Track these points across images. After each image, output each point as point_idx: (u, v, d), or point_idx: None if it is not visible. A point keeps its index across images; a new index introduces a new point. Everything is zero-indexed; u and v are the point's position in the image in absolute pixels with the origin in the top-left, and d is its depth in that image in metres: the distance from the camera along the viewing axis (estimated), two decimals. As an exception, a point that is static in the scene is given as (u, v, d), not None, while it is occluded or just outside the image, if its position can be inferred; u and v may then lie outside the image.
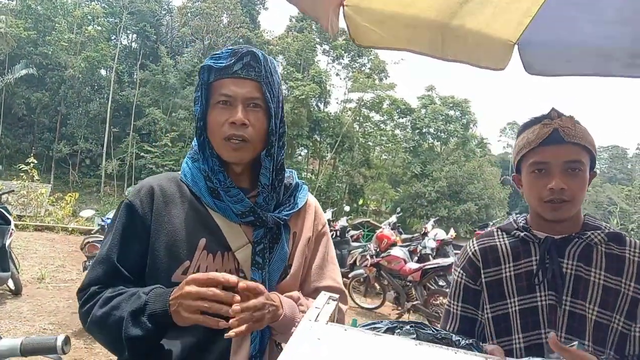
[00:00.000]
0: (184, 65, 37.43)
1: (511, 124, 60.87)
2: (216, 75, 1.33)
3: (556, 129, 1.41)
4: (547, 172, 1.43)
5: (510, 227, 1.58)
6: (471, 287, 1.56)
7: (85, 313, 1.27)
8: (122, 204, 1.36)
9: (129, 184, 35.49)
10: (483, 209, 35.42)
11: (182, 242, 1.28)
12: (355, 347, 0.94)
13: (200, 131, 1.36)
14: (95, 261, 1.32)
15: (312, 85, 35.08)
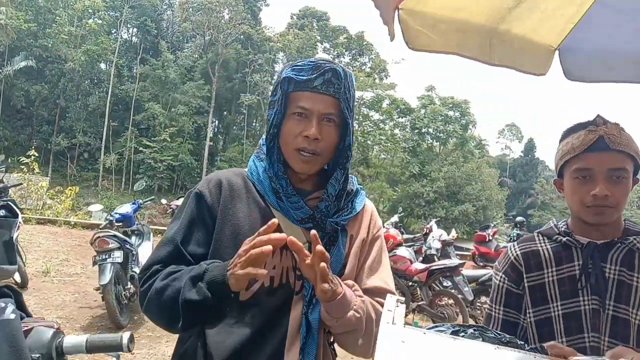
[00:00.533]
0: (184, 61, 37.41)
1: (509, 125, 61.05)
2: (296, 86, 1.35)
3: (602, 136, 1.42)
4: (590, 178, 1.44)
5: (551, 232, 1.59)
6: (514, 291, 1.57)
7: (144, 291, 1.32)
8: (192, 192, 1.43)
9: (127, 178, 35.52)
10: (481, 210, 35.53)
11: (245, 236, 1.27)
12: (440, 350, 0.95)
13: (272, 137, 1.39)
14: (160, 243, 1.39)
15: (312, 83, 35.07)
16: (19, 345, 1.09)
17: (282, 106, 1.36)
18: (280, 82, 1.37)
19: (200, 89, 36.10)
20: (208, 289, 1.20)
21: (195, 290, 1.21)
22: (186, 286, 1.22)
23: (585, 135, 1.44)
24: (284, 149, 1.38)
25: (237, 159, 36.19)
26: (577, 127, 1.50)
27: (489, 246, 13.19)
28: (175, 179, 35.53)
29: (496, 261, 1.71)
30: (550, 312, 1.50)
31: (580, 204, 1.47)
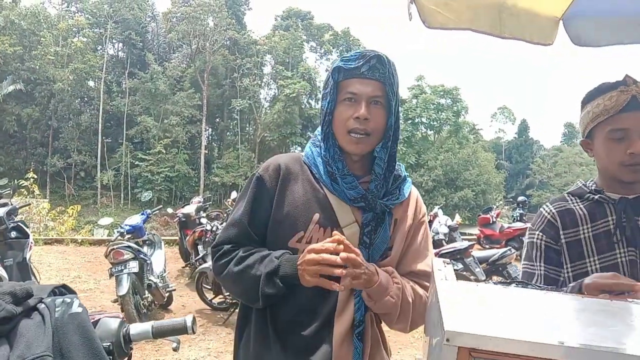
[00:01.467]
0: (173, 71, 37.34)
1: (501, 108, 61.11)
2: (345, 75, 1.48)
3: (634, 95, 1.46)
4: (627, 137, 1.48)
5: (582, 192, 1.65)
6: (553, 247, 1.62)
7: (220, 266, 1.52)
8: (254, 177, 1.57)
9: (125, 193, 35.47)
10: (480, 195, 35.66)
11: (300, 215, 1.48)
12: (495, 296, 1.01)
13: (328, 124, 1.53)
14: (229, 223, 1.56)
15: (302, 82, 35.16)
16: (91, 335, 1.15)
17: (334, 94, 1.50)
18: (332, 72, 1.51)
19: (191, 98, 36.08)
20: (282, 281, 1.39)
21: (272, 285, 1.40)
22: (264, 281, 1.40)
23: (619, 96, 1.48)
24: (338, 133, 1.52)
25: (234, 164, 36.20)
26: (604, 88, 1.54)
27: (494, 228, 13.28)
28: (174, 189, 35.50)
29: (530, 223, 1.76)
30: (587, 267, 1.56)
31: (617, 164, 1.52)
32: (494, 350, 0.79)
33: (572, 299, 1.05)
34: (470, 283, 1.07)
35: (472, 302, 0.97)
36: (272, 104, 38.78)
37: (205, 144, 38.00)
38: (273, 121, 35.76)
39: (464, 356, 0.79)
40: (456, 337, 0.78)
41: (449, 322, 0.81)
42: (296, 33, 39.93)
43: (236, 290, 1.58)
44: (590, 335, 0.85)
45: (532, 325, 0.88)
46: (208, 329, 6.15)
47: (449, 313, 0.85)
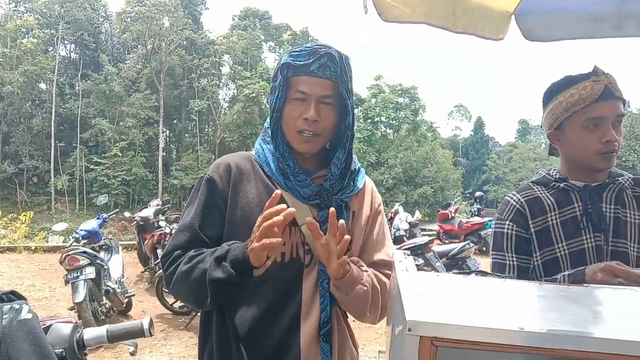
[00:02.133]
0: (128, 72, 36.43)
1: (458, 106, 62.35)
2: (294, 72, 1.43)
3: (607, 85, 1.51)
4: (600, 125, 1.53)
5: (546, 180, 1.69)
6: (523, 236, 1.65)
7: (170, 274, 1.43)
8: (203, 179, 1.50)
9: (80, 198, 34.44)
10: (439, 191, 36.23)
11: (256, 216, 1.35)
12: (456, 285, 1.02)
13: (276, 121, 1.48)
14: (178, 230, 1.48)
15: (262, 82, 34.90)
16: (41, 342, 1.10)
17: (283, 91, 1.44)
18: (280, 68, 1.44)
19: (147, 100, 35.29)
20: (232, 267, 1.30)
21: (220, 269, 1.31)
22: (212, 266, 1.32)
23: (593, 86, 1.52)
24: (287, 131, 1.47)
25: (193, 166, 35.64)
26: (575, 79, 1.58)
27: (453, 223, 13.56)
28: (131, 193, 34.65)
29: (496, 212, 1.77)
30: (556, 253, 1.60)
31: (593, 152, 1.56)
32: (456, 338, 0.79)
33: (530, 286, 1.06)
34: (431, 273, 1.07)
35: (433, 292, 0.97)
36: (231, 105, 38.34)
37: (163, 146, 37.26)
38: (233, 122, 35.38)
39: (426, 345, 0.79)
40: (418, 327, 0.78)
41: (410, 311, 0.81)
42: (254, 33, 39.65)
43: (185, 290, 1.44)
44: (549, 320, 0.86)
45: (493, 313, 0.89)
46: (169, 334, 6.04)
47: (410, 303, 0.85)
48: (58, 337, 1.20)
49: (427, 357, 0.79)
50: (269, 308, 1.41)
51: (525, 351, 0.79)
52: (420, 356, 0.79)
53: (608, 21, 2.04)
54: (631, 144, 36.90)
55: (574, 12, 2.05)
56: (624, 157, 35.75)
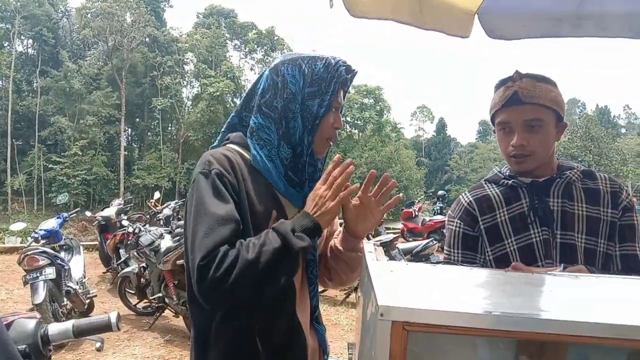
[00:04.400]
0: (88, 69, 35.56)
1: (420, 107, 63.29)
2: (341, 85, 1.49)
3: (516, 91, 1.57)
4: (510, 130, 1.61)
5: (497, 178, 1.76)
6: (470, 234, 1.72)
7: (225, 271, 1.24)
8: (211, 173, 1.36)
9: (39, 198, 33.45)
10: (403, 190, 36.64)
11: (261, 212, 1.40)
12: (425, 274, 1.04)
13: (315, 128, 1.47)
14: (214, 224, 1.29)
15: (226, 81, 34.64)
16: (2, 338, 1.07)
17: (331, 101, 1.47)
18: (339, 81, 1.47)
19: (109, 97, 34.52)
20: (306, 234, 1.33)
21: (300, 239, 1.30)
22: (290, 238, 1.29)
23: (503, 92, 1.60)
24: (319, 138, 1.49)
25: (156, 165, 35.06)
26: (499, 84, 1.65)
27: (416, 221, 13.76)
28: (92, 193, 33.85)
29: (449, 210, 1.84)
30: (506, 248, 1.65)
31: (505, 154, 1.66)
32: (427, 322, 0.80)
33: (497, 273, 1.09)
34: (400, 262, 1.09)
35: (404, 279, 0.99)
36: (195, 103, 37.88)
37: (124, 144, 36.52)
38: (197, 120, 34.95)
39: (398, 330, 0.80)
40: (390, 312, 0.80)
41: (382, 297, 0.82)
42: (219, 31, 39.27)
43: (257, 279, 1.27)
44: (516, 304, 0.89)
45: (462, 298, 0.91)
46: (133, 335, 5.94)
47: (382, 289, 0.86)
48: (21, 332, 1.16)
49: (399, 342, 0.80)
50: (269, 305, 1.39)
51: (494, 334, 0.82)
52: (392, 341, 0.80)
53: (568, 21, 2.12)
54: (587, 145, 38.22)
55: (535, 11, 2.12)
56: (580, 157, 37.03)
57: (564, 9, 2.09)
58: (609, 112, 69.90)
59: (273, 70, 1.49)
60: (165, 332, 5.89)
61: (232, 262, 1.24)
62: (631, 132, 69.32)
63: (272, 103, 1.46)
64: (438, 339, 0.85)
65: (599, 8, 2.11)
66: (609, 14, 2.13)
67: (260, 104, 1.48)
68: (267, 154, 1.46)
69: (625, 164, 41.22)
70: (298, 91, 1.45)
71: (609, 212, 1.63)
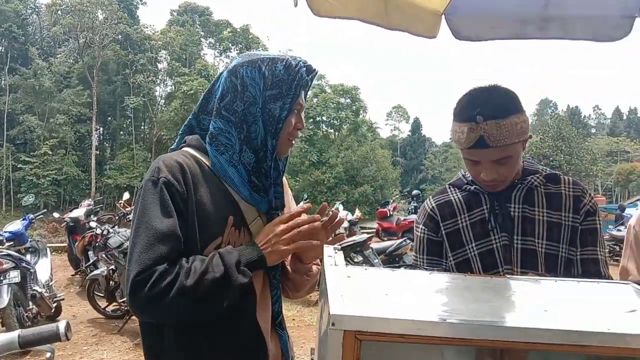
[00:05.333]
0: (59, 67, 34.86)
1: (396, 107, 63.73)
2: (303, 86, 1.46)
3: (482, 136, 1.49)
4: (479, 165, 1.57)
5: (460, 183, 1.75)
6: (434, 239, 1.72)
7: (159, 294, 1.21)
8: (159, 181, 1.31)
9: (7, 199, 32.67)
10: (378, 190, 36.89)
11: (214, 219, 1.35)
12: (383, 279, 1.02)
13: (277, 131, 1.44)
14: (153, 240, 1.25)
15: (200, 79, 34.27)
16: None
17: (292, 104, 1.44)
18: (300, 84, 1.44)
19: (80, 96, 33.85)
20: (249, 268, 1.31)
21: (242, 274, 1.29)
22: (233, 272, 1.27)
23: (468, 134, 1.51)
24: (282, 139, 1.46)
25: (128, 165, 34.54)
26: (460, 117, 1.56)
27: (391, 221, 13.83)
28: (62, 193, 33.18)
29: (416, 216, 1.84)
30: (468, 254, 1.65)
31: (476, 179, 1.64)
32: (380, 331, 0.78)
33: (456, 278, 1.08)
34: (359, 268, 1.07)
35: (360, 286, 0.96)
36: (168, 102, 37.41)
37: (96, 144, 35.89)
38: (170, 119, 34.50)
39: (350, 340, 0.78)
40: (341, 321, 0.77)
41: (334, 305, 0.80)
42: (193, 29, 38.91)
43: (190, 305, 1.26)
44: (472, 311, 0.87)
45: (418, 305, 0.89)
46: (102, 339, 5.83)
47: (335, 297, 0.84)
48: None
49: (351, 352, 0.78)
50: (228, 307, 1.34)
51: (449, 342, 0.80)
52: (344, 351, 0.78)
53: (533, 23, 2.13)
54: (558, 145, 38.99)
55: (500, 13, 2.13)
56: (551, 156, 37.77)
57: (529, 11, 2.11)
58: (580, 113, 71.51)
59: (232, 72, 1.43)
60: (134, 335, 5.77)
61: (168, 284, 1.21)
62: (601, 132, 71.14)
63: (232, 107, 1.41)
64: (393, 349, 0.82)
65: (562, 11, 2.13)
66: (571, 17, 2.16)
67: (219, 107, 1.43)
68: (229, 159, 1.41)
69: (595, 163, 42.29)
70: (259, 94, 1.41)
71: (570, 217, 1.63)
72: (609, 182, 52.10)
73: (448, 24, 2.14)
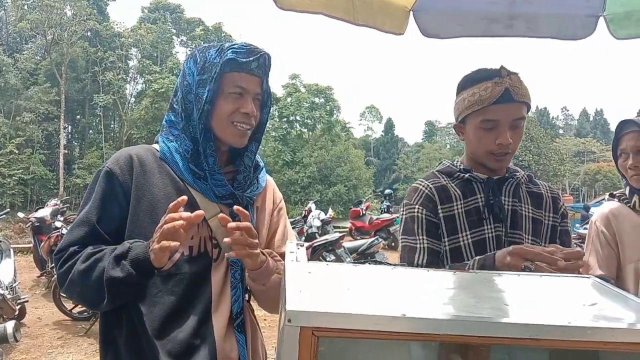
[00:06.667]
0: (25, 64, 33.94)
1: (369, 107, 64.01)
2: (233, 68, 1.42)
3: (507, 88, 1.51)
4: (496, 128, 1.56)
5: (451, 170, 1.72)
6: (433, 220, 1.65)
7: (65, 272, 1.35)
8: (102, 171, 1.43)
9: (-28, 199, 31.71)
10: (352, 190, 36.97)
11: (162, 209, 1.34)
12: (344, 275, 1.00)
13: (206, 114, 1.43)
14: (75, 224, 1.40)
15: (172, 77, 33.80)
16: None
17: (217, 85, 1.41)
18: (220, 63, 1.41)
19: (47, 93, 33.02)
20: (131, 266, 1.27)
21: (119, 268, 1.27)
22: (110, 265, 1.28)
23: (493, 88, 1.52)
24: (218, 124, 1.44)
25: (98, 164, 33.78)
26: (481, 77, 1.58)
27: (364, 220, 13.92)
28: (29, 193, 32.37)
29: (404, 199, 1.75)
30: (460, 242, 1.62)
31: (485, 152, 1.60)
32: (338, 327, 0.76)
33: (419, 273, 1.07)
34: (320, 263, 1.05)
35: (321, 281, 0.94)
36: (139, 100, 36.81)
37: (64, 142, 35.06)
38: (140, 118, 33.98)
39: (307, 336, 0.75)
40: (297, 317, 0.75)
41: (291, 301, 0.77)
42: (164, 26, 38.39)
43: (80, 290, 1.37)
44: (433, 306, 0.86)
45: (378, 300, 0.88)
46: (68, 341, 5.70)
47: (293, 293, 0.81)
48: None
49: (308, 349, 0.75)
50: (179, 302, 1.39)
51: (408, 338, 0.78)
52: (300, 348, 0.75)
53: (500, 21, 2.14)
54: (527, 145, 39.74)
55: (468, 11, 2.13)
56: (520, 157, 38.46)
57: (496, 9, 2.12)
58: (548, 114, 73.05)
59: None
60: (102, 337, 5.65)
61: (69, 266, 1.34)
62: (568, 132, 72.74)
63: (178, 98, 1.48)
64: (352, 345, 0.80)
65: (528, 9, 2.15)
66: (537, 15, 2.18)
67: (172, 102, 1.51)
68: (176, 147, 1.46)
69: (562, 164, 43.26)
70: (193, 82, 1.45)
71: (550, 216, 1.68)
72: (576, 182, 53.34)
73: (416, 20, 2.14)
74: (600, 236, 2.03)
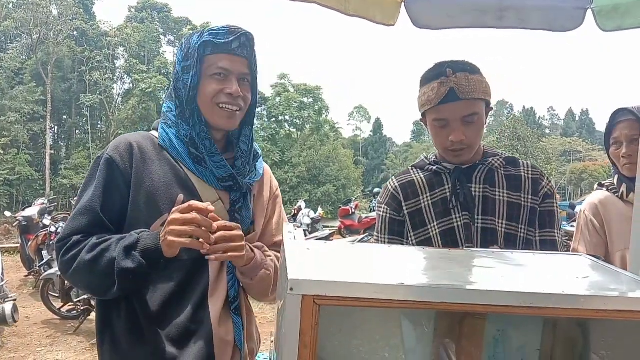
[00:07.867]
0: (10, 63, 33.50)
1: (358, 107, 64.16)
2: (213, 50, 1.43)
3: (452, 87, 1.55)
4: (447, 125, 1.60)
5: (422, 164, 1.77)
6: (396, 219, 1.73)
7: (69, 260, 1.35)
8: (102, 158, 1.43)
9: (-44, 200, 31.28)
10: (341, 189, 37.04)
11: (162, 197, 1.39)
12: (343, 252, 1.01)
13: (192, 99, 1.45)
14: (77, 212, 1.39)
15: (159, 77, 33.66)
16: None
17: (199, 68, 1.43)
18: (198, 46, 1.42)
19: (33, 93, 32.65)
20: (142, 256, 1.29)
21: (130, 259, 1.29)
22: (120, 256, 1.29)
23: (438, 88, 1.57)
24: (205, 108, 1.45)
25: (85, 165, 33.52)
26: (429, 77, 1.62)
27: (353, 218, 13.97)
28: (15, 194, 32.02)
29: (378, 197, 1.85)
30: (429, 233, 1.67)
31: (442, 148, 1.65)
32: (338, 295, 0.77)
33: (413, 250, 1.08)
34: (318, 242, 1.06)
35: (319, 256, 0.96)
36: (126, 100, 36.55)
37: (50, 143, 34.71)
38: (128, 117, 33.76)
39: (309, 304, 0.77)
40: (299, 285, 0.76)
41: (292, 271, 0.78)
42: (152, 26, 38.13)
43: (88, 280, 1.39)
44: (429, 276, 0.88)
45: (376, 271, 0.89)
46: (57, 340, 5.67)
47: (294, 264, 0.83)
48: None
49: (310, 317, 0.77)
50: (179, 288, 1.40)
51: (407, 305, 0.80)
52: (302, 316, 0.76)
53: (490, 12, 2.17)
54: (514, 144, 40.08)
55: (459, 2, 2.15)
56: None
57: (486, 1, 2.15)
58: (535, 114, 73.71)
59: None
60: (91, 335, 5.62)
61: (73, 255, 1.34)
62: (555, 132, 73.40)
63: (171, 87, 1.51)
64: (352, 313, 0.82)
65: (518, 1, 2.18)
66: (527, 7, 2.21)
67: (170, 91, 1.53)
68: (176, 133, 1.47)
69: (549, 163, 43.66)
70: (180, 69, 1.48)
71: (529, 198, 1.68)
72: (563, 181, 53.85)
73: (407, 11, 2.16)
74: (589, 225, 2.07)
